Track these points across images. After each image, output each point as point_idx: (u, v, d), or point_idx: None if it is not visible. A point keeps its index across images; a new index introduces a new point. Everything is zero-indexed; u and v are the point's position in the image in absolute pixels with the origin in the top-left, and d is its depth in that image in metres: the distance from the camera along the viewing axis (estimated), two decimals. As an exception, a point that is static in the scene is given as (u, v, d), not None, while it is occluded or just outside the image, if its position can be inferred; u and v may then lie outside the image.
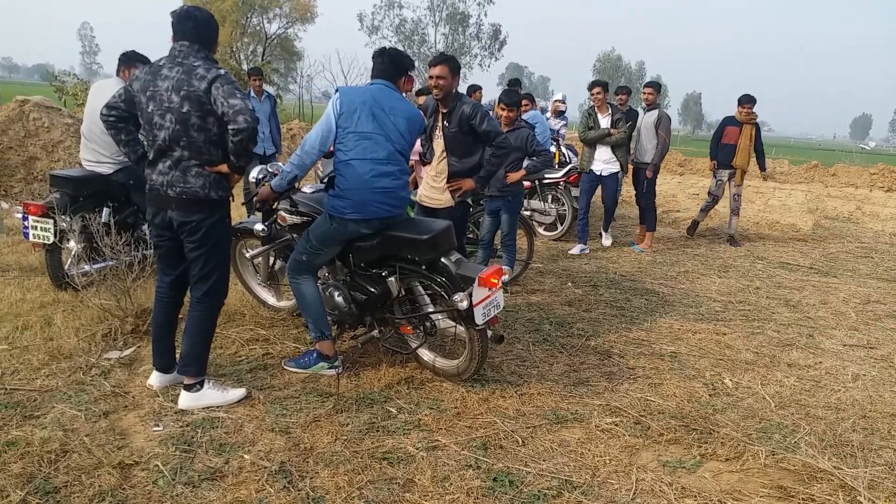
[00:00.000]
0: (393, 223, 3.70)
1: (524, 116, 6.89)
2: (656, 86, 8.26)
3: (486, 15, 54.03)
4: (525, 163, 5.65)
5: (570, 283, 6.31)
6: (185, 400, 3.36)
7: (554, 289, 6.06)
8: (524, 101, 7.34)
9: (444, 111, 4.50)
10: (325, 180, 3.83)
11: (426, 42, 52.76)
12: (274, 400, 3.49)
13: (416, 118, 3.74)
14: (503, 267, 3.75)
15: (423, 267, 3.64)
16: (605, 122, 7.57)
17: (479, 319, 3.45)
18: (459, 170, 4.55)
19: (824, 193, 15.39)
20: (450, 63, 4.40)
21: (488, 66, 55.86)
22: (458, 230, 4.14)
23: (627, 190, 11.76)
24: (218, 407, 3.37)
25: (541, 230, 8.37)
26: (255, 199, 3.97)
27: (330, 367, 3.83)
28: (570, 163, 8.69)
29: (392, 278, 3.74)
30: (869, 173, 18.72)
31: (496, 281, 3.50)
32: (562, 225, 8.31)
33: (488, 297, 3.49)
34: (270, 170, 4.30)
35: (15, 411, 3.21)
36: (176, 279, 3.50)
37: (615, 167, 7.66)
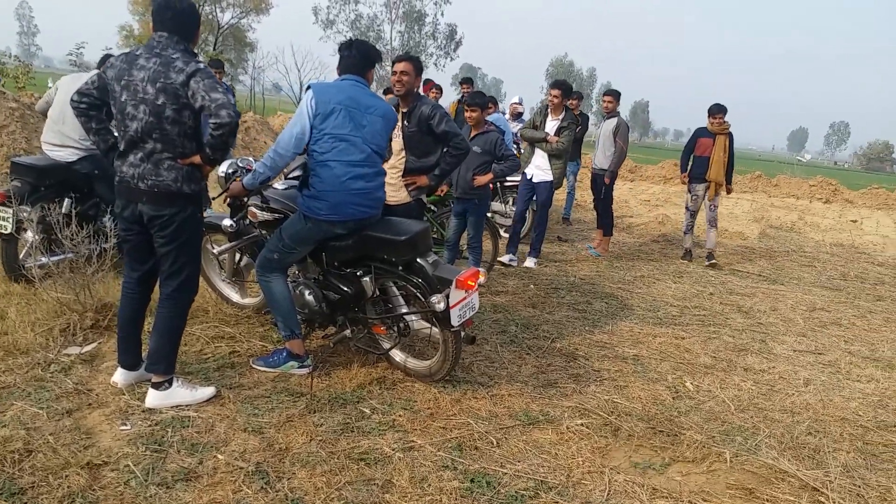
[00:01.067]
0: (369, 223, 3.68)
1: (491, 117, 6.94)
2: (615, 94, 8.35)
3: (442, 14, 54.24)
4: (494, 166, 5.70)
5: (532, 286, 6.38)
6: (154, 398, 3.28)
7: (517, 290, 6.12)
8: (489, 104, 7.40)
9: (405, 110, 4.49)
10: (299, 180, 3.78)
11: (381, 39, 52.50)
12: (245, 399, 3.43)
13: (390, 116, 3.75)
14: (480, 270, 3.76)
15: (400, 267, 3.63)
16: (551, 125, 7.05)
17: (455, 321, 3.46)
18: (417, 168, 4.58)
19: (768, 203, 15.97)
20: (414, 62, 4.45)
21: (443, 66, 55.95)
22: None
23: (582, 195, 12.02)
24: (187, 406, 3.29)
25: (502, 231, 8.43)
26: (225, 194, 3.91)
27: (300, 367, 3.79)
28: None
29: (367, 278, 3.73)
30: (808, 185, 19.51)
31: (473, 283, 3.52)
32: (522, 227, 8.38)
33: (464, 299, 3.50)
34: (241, 164, 4.22)
35: (-29, 409, 3.07)
36: (144, 274, 3.41)
37: (547, 176, 7.06)
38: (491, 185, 8.11)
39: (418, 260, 3.60)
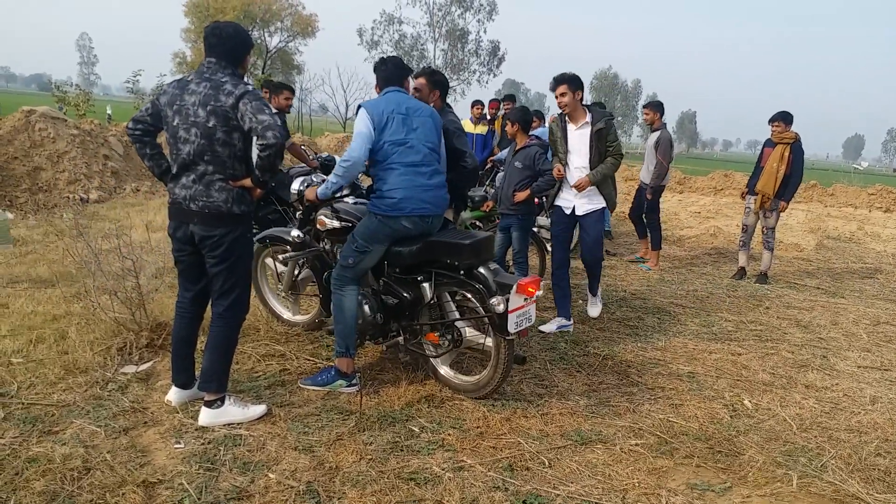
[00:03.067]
0: (434, 228, 3.80)
1: (535, 132, 6.90)
2: (655, 105, 8.09)
3: (485, 31, 54.45)
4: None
5: (580, 301, 6.29)
6: (206, 416, 3.32)
7: (565, 306, 6.03)
8: (533, 119, 7.36)
9: None
10: (366, 188, 3.99)
11: (425, 57, 52.98)
12: (295, 417, 3.45)
13: (436, 116, 3.94)
14: (540, 278, 3.74)
15: (462, 272, 3.66)
16: (576, 136, 5.09)
17: (512, 328, 3.46)
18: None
19: (824, 213, 15.47)
20: (429, 76, 4.49)
21: (486, 83, 56.05)
22: None
23: (619, 206, 11.82)
24: (239, 424, 3.32)
25: (549, 246, 8.35)
26: (304, 199, 4.11)
27: (348, 385, 3.81)
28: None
29: (426, 284, 3.78)
30: (867, 194, 18.82)
31: (534, 290, 3.53)
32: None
33: (523, 307, 3.51)
34: (315, 179, 4.46)
35: (34, 427, 3.16)
36: (197, 294, 3.47)
37: (595, 203, 5.20)
38: (536, 200, 8.09)
39: (480, 267, 3.63)
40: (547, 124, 9.91)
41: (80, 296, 4.90)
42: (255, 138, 3.14)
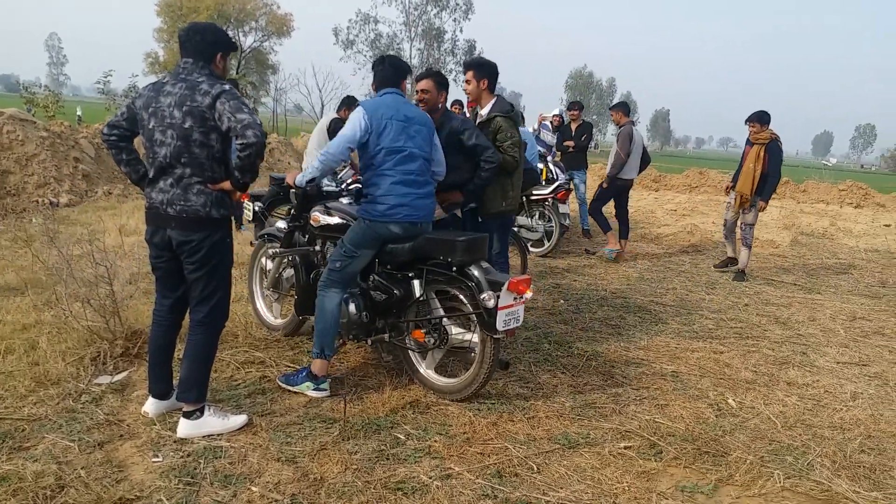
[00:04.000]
0: (423, 232, 3.78)
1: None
2: (618, 107, 8.48)
3: (461, 31, 54.48)
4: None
5: (562, 301, 6.27)
6: (185, 428, 3.22)
7: (547, 306, 6.01)
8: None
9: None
10: (354, 191, 4.03)
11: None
12: (277, 427, 3.37)
13: (430, 123, 3.92)
14: (531, 279, 3.73)
15: (454, 269, 3.63)
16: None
17: (500, 325, 3.44)
18: (448, 184, 4.52)
19: (797, 210, 15.65)
20: (435, 77, 4.45)
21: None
22: None
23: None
24: (219, 435, 3.23)
25: (528, 246, 8.34)
26: (284, 181, 4.11)
27: (314, 389, 3.75)
28: (557, 179, 8.69)
29: (416, 281, 3.76)
30: (838, 190, 19.11)
31: (525, 288, 3.52)
32: (549, 241, 8.30)
33: (512, 305, 3.50)
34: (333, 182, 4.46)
35: (3, 443, 3.04)
36: (175, 301, 3.37)
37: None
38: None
39: (472, 265, 3.62)
40: (536, 124, 9.85)
41: (51, 304, 4.76)
42: (234, 138, 3.05)
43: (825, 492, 3.05)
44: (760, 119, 7.50)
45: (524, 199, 8.17)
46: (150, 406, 3.40)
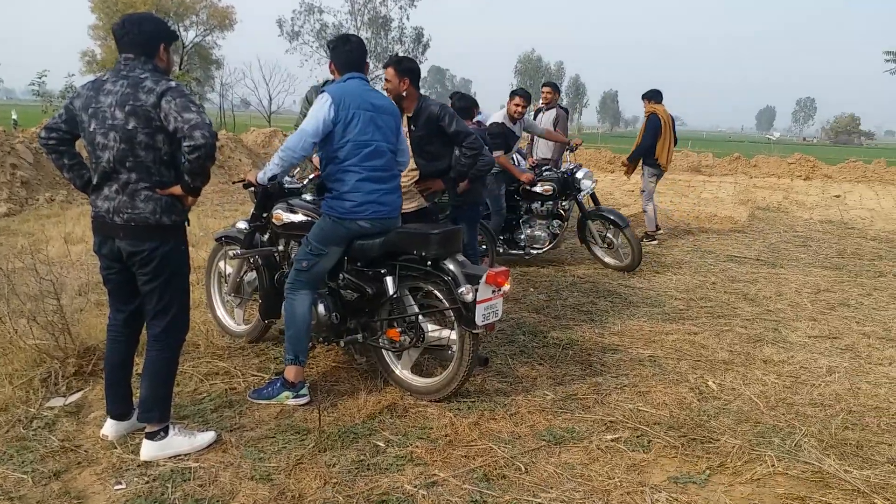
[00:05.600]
0: (391, 227, 3.62)
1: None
2: (553, 85, 8.70)
3: (408, 18, 54.03)
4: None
5: (531, 289, 6.18)
6: (149, 450, 3.00)
7: (517, 295, 5.91)
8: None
9: (409, 115, 4.38)
10: (316, 185, 3.80)
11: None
12: (248, 442, 3.17)
13: (396, 112, 3.73)
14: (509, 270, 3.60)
15: (429, 264, 3.48)
16: None
17: (479, 320, 3.31)
18: (430, 172, 4.44)
19: (751, 185, 15.95)
20: (395, 65, 4.28)
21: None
22: None
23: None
24: (186, 455, 3.02)
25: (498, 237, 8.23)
26: (243, 180, 3.89)
27: (295, 397, 3.57)
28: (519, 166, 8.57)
29: (389, 277, 3.59)
30: (787, 163, 19.55)
31: (504, 280, 3.40)
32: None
33: (491, 299, 3.37)
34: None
35: (-53, 480, 2.79)
36: (130, 316, 3.14)
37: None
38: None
39: (447, 258, 3.48)
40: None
41: (-6, 322, 4.44)
42: (182, 140, 2.81)
43: (816, 473, 3.01)
44: (652, 97, 8.69)
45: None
46: (110, 428, 3.17)
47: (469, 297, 3.30)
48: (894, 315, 5.67)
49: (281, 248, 4.06)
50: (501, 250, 7.09)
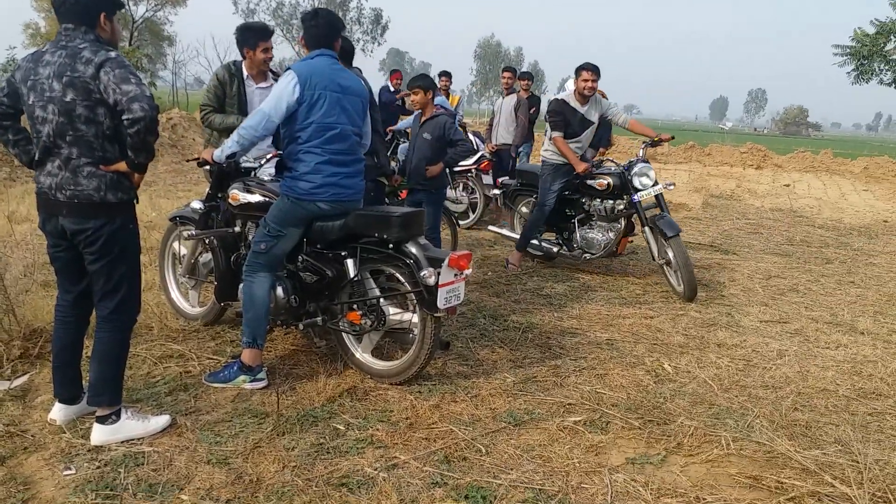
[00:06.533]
0: (352, 209, 3.56)
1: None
2: (513, 70, 8.69)
3: (366, -1, 53.30)
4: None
5: (490, 273, 6.19)
6: (100, 434, 2.91)
7: (477, 279, 5.91)
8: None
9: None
10: (275, 165, 3.74)
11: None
12: (203, 426, 3.10)
13: (365, 94, 3.67)
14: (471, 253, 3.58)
15: (390, 246, 3.45)
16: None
17: (441, 303, 3.29)
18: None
19: (705, 172, 16.26)
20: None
21: (371, 52, 55.02)
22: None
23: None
24: (139, 439, 2.94)
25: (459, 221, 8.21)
26: (198, 158, 3.79)
27: (252, 381, 3.51)
28: (478, 150, 8.55)
29: (350, 260, 3.54)
30: (739, 152, 20.01)
31: (466, 263, 3.39)
32: (474, 213, 8.20)
33: (453, 282, 3.35)
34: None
35: None
36: (78, 296, 3.03)
37: None
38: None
39: (409, 241, 3.45)
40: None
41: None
42: (122, 113, 2.70)
43: (768, 453, 3.09)
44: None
45: (447, 170, 8.00)
46: (58, 412, 3.06)
47: (431, 281, 3.28)
48: (840, 301, 5.85)
49: (237, 228, 3.96)
50: (556, 250, 6.35)
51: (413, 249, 3.42)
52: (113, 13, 2.86)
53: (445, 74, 9.04)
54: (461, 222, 8.17)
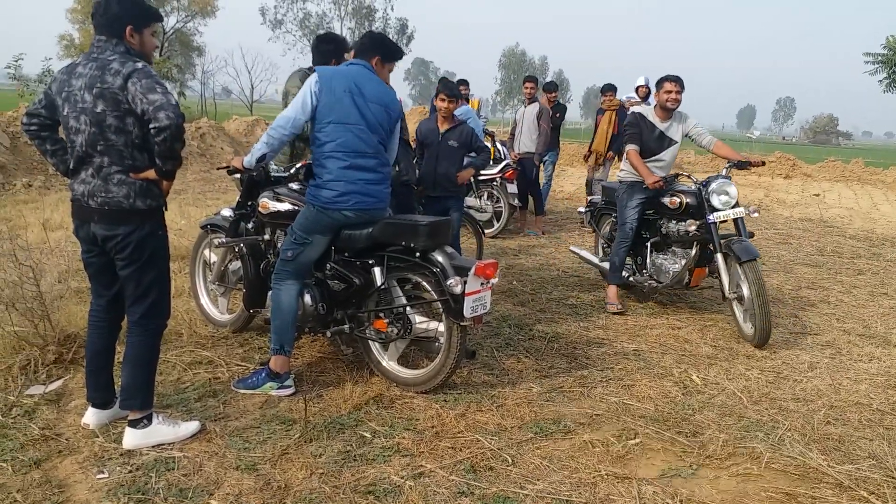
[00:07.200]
0: (378, 218, 3.56)
1: (456, 112, 6.70)
2: (535, 80, 8.74)
3: (392, 9, 53.76)
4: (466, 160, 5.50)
5: (516, 282, 6.17)
6: (132, 438, 2.96)
7: (502, 288, 5.90)
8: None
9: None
10: (303, 172, 3.70)
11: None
12: (232, 432, 3.14)
13: (394, 107, 3.62)
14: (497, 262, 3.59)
15: (417, 255, 3.46)
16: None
17: (468, 312, 3.29)
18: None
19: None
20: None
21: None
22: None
23: (558, 182, 11.83)
24: (170, 444, 2.98)
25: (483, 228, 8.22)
26: (228, 167, 3.83)
27: (279, 388, 3.53)
28: (504, 159, 8.56)
29: (377, 268, 3.57)
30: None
31: (492, 272, 3.39)
32: (498, 222, 8.20)
33: (479, 291, 3.36)
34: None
35: (-77, 468, 2.72)
36: (111, 301, 3.09)
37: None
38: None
39: (436, 250, 3.47)
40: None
41: (-29, 308, 4.34)
42: (149, 122, 2.76)
43: (800, 467, 3.03)
44: (614, 90, 9.24)
45: (472, 179, 8.02)
46: (91, 417, 3.12)
47: (458, 290, 3.29)
48: (873, 312, 5.74)
49: (266, 236, 4.01)
50: (625, 274, 5.59)
51: (440, 258, 3.43)
52: (141, 27, 2.89)
53: (463, 83, 9.05)
54: (485, 231, 8.18)
